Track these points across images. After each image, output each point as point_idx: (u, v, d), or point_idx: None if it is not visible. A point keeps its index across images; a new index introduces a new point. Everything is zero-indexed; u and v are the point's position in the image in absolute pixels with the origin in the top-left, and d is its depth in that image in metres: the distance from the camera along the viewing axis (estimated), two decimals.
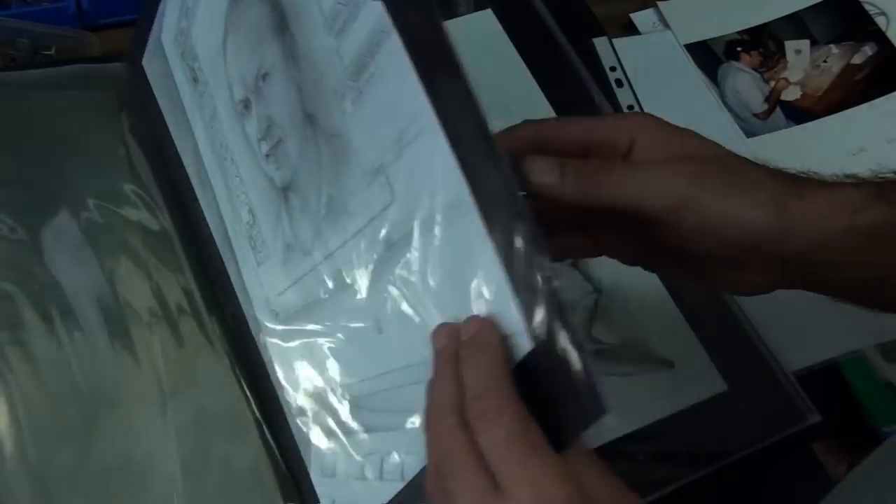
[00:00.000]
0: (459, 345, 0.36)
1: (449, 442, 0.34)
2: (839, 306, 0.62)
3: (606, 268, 0.61)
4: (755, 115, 0.75)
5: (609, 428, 0.55)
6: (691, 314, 0.60)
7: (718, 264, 0.42)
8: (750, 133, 0.74)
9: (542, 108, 0.67)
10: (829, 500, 0.46)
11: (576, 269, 0.61)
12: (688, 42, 0.78)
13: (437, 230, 0.38)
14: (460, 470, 0.34)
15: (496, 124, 0.37)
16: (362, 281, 0.43)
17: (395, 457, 0.43)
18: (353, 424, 0.46)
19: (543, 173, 0.40)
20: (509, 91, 0.68)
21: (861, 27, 0.80)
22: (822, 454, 0.59)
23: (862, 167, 0.49)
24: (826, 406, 0.58)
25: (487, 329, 0.36)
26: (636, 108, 0.72)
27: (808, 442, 0.59)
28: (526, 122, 0.44)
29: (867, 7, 0.81)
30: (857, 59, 0.78)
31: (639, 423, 0.55)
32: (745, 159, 0.42)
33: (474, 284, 0.36)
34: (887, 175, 0.43)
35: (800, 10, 0.81)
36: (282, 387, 0.52)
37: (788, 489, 0.57)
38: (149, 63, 0.61)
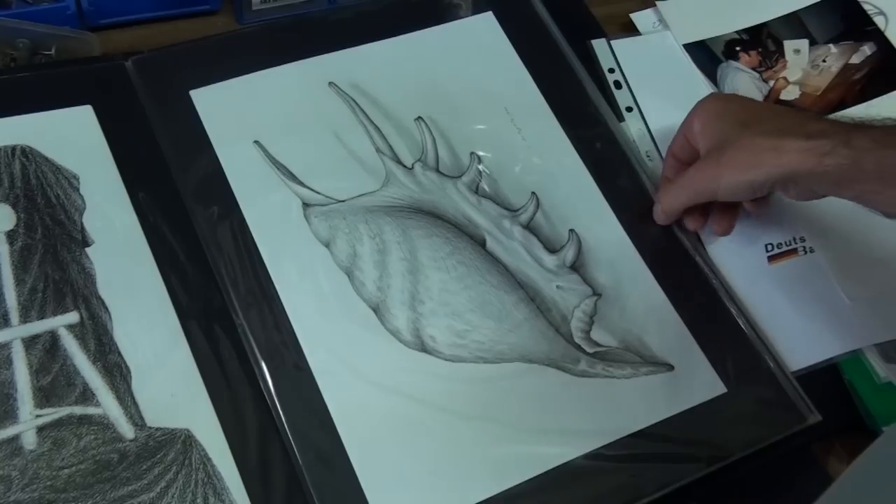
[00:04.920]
0: None
1: None
2: (839, 306, 0.63)
3: (606, 272, 0.61)
4: None
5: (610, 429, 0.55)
6: (690, 317, 0.60)
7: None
8: None
9: (540, 110, 0.68)
10: (828, 494, 0.46)
11: (576, 273, 0.61)
12: (687, 42, 0.78)
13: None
14: None
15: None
16: None
17: None
18: None
19: (656, 215, 0.64)
20: (509, 93, 0.68)
21: (860, 27, 0.80)
22: (822, 454, 0.60)
23: None
24: (826, 406, 0.58)
25: None
26: (635, 110, 0.72)
27: (808, 442, 0.59)
28: (666, 157, 0.66)
29: (866, 7, 0.81)
30: (855, 59, 0.78)
31: (640, 425, 0.55)
32: (752, 127, 0.58)
33: None
34: (870, 121, 0.57)
35: (799, 10, 0.81)
36: None
37: (788, 489, 0.57)
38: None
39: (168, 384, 0.53)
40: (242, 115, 0.62)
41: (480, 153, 0.65)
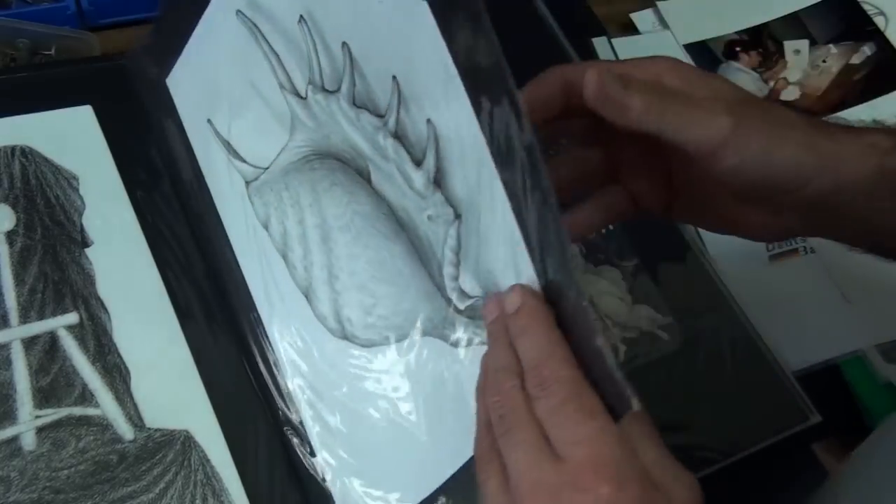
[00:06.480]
0: (507, 317, 0.38)
1: (508, 400, 0.36)
2: (839, 306, 0.63)
3: (460, 176, 0.42)
4: None
5: None
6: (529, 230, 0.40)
7: (743, 205, 0.43)
8: None
9: None
10: (828, 487, 0.46)
11: (439, 190, 0.44)
12: (687, 42, 0.78)
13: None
14: (518, 426, 0.35)
15: None
16: None
17: None
18: None
19: (613, 84, 0.40)
20: None
21: (860, 27, 0.80)
22: (822, 454, 0.60)
23: None
24: (826, 406, 0.58)
25: (530, 297, 0.37)
26: None
27: (808, 442, 0.59)
28: (552, 68, 0.43)
29: (866, 7, 0.81)
30: (855, 59, 0.78)
31: None
32: (774, 103, 0.43)
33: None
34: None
35: (799, 11, 0.81)
36: None
37: (788, 489, 0.57)
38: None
39: (167, 385, 0.53)
40: (197, 90, 0.58)
41: (350, 41, 0.46)
